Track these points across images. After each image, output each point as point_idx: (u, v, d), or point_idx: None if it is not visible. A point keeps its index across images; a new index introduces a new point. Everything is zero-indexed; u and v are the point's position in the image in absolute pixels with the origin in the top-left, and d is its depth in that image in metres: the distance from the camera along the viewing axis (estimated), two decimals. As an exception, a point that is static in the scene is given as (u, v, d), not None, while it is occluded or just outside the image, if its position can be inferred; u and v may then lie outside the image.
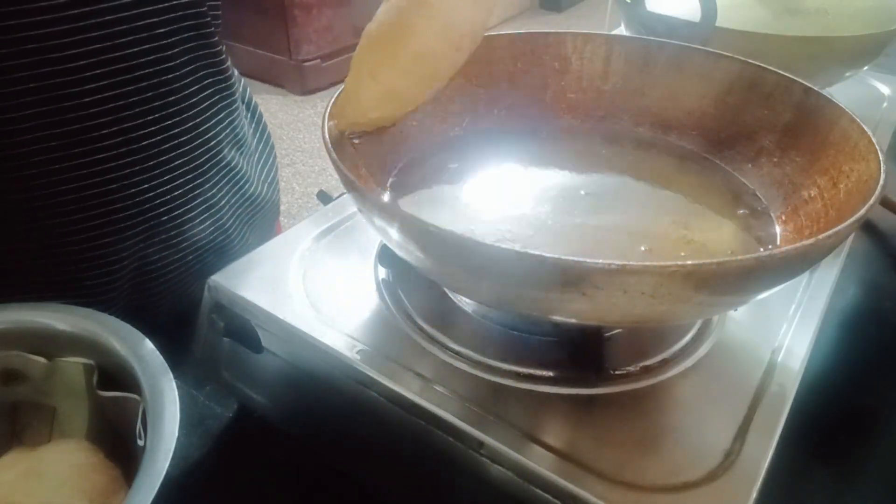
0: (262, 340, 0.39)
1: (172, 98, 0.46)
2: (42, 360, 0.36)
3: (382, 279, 0.41)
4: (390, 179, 0.43)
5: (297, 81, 2.63)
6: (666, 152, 0.47)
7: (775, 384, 0.34)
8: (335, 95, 0.39)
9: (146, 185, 0.47)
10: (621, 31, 0.71)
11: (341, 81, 0.40)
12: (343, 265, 0.42)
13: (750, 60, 0.44)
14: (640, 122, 0.49)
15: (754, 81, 0.44)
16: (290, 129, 2.43)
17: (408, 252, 0.32)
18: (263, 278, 0.40)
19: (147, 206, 0.48)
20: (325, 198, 0.51)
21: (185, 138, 0.48)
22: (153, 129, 0.46)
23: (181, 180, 0.49)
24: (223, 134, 0.52)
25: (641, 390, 0.34)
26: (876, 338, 0.49)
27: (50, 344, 0.36)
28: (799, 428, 0.33)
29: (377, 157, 0.42)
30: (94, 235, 0.46)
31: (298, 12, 2.47)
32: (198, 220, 0.52)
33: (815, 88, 0.41)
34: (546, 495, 0.30)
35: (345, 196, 0.49)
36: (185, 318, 0.42)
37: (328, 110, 0.37)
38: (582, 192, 0.42)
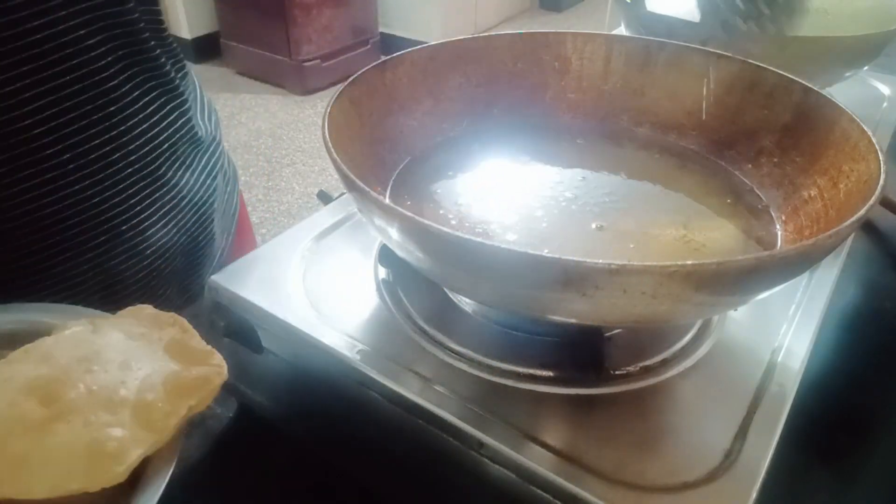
0: (262, 340, 0.39)
1: (113, 108, 0.45)
2: (43, 359, 0.36)
3: (382, 279, 0.41)
4: (390, 179, 0.43)
5: (297, 81, 2.64)
6: (666, 152, 0.47)
7: (775, 384, 0.34)
8: (329, 104, 0.38)
9: (99, 198, 0.46)
10: (621, 31, 0.71)
11: (341, 81, 0.40)
12: (343, 265, 0.42)
13: (750, 60, 0.44)
14: (640, 122, 0.49)
15: (754, 81, 0.44)
16: (290, 129, 2.43)
17: (408, 252, 0.32)
18: (263, 278, 0.40)
19: (103, 217, 0.47)
20: (325, 198, 0.51)
21: (133, 146, 0.47)
22: (98, 141, 0.45)
23: (136, 188, 0.48)
24: (177, 136, 0.52)
25: (641, 390, 0.34)
26: (876, 338, 0.49)
27: (50, 344, 0.36)
28: (799, 428, 0.33)
29: (377, 157, 0.42)
30: (53, 254, 0.46)
31: (298, 12, 2.48)
32: (160, 224, 0.51)
33: (815, 88, 0.41)
34: (546, 495, 0.30)
35: (345, 196, 0.49)
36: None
37: (328, 110, 0.37)
38: (582, 193, 0.42)
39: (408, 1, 2.88)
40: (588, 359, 0.35)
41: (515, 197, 0.42)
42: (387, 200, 0.41)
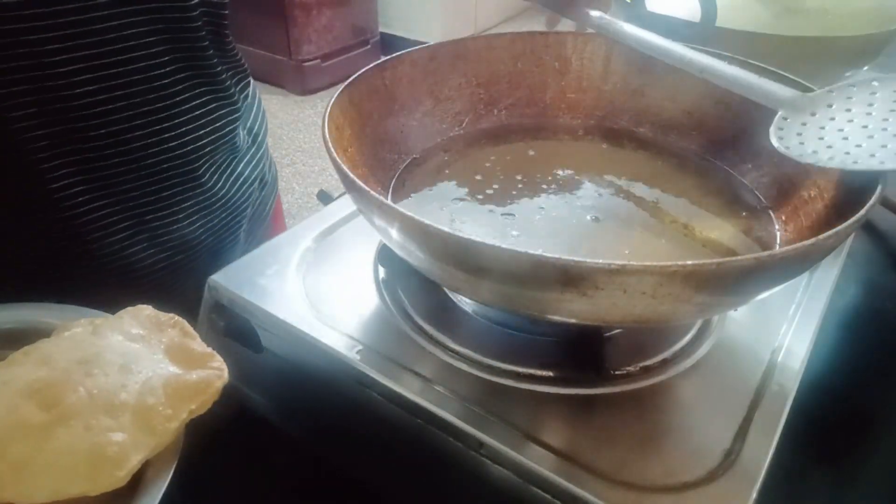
0: (262, 340, 0.39)
1: (161, 105, 0.47)
2: (43, 360, 0.36)
3: (382, 279, 0.41)
4: (390, 179, 0.43)
5: (297, 81, 2.63)
6: (666, 152, 0.47)
7: (775, 384, 0.34)
8: (329, 104, 0.38)
9: (130, 186, 0.48)
10: (621, 31, 0.71)
11: (341, 81, 0.40)
12: (343, 265, 0.42)
13: (750, 60, 0.44)
14: (640, 122, 0.49)
15: (754, 81, 0.44)
16: (290, 129, 2.43)
17: (408, 252, 0.32)
18: (263, 278, 0.40)
19: (131, 204, 0.48)
20: (325, 198, 0.51)
21: (175, 143, 0.48)
22: (141, 133, 0.46)
23: (169, 183, 0.50)
24: (221, 142, 0.53)
25: (641, 390, 0.34)
26: (876, 338, 0.49)
27: (50, 344, 0.36)
28: (799, 428, 0.33)
29: (377, 157, 0.42)
30: (78, 234, 0.47)
31: (298, 12, 2.48)
32: (187, 222, 0.52)
33: (816, 88, 0.41)
34: (546, 495, 0.30)
35: (345, 196, 0.49)
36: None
37: (329, 110, 0.37)
38: (582, 193, 0.42)
39: (408, 1, 2.88)
40: (588, 359, 0.35)
41: (515, 197, 0.42)
42: (387, 200, 0.41)
